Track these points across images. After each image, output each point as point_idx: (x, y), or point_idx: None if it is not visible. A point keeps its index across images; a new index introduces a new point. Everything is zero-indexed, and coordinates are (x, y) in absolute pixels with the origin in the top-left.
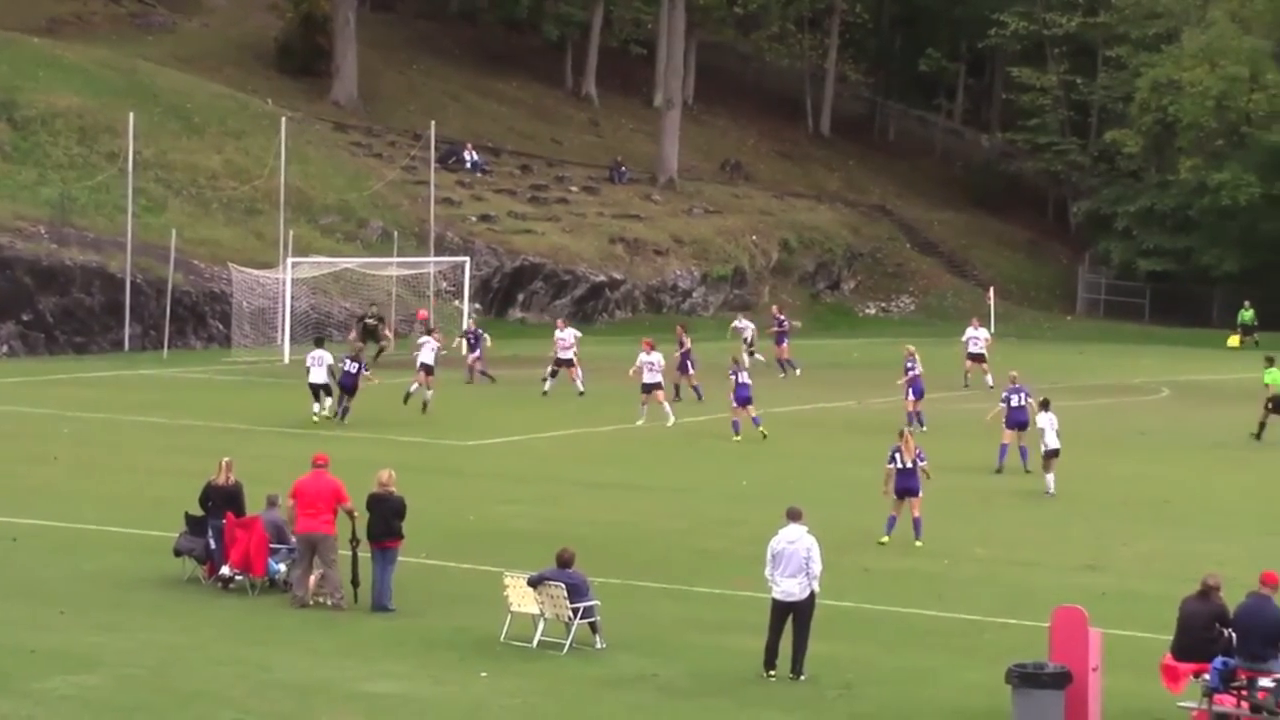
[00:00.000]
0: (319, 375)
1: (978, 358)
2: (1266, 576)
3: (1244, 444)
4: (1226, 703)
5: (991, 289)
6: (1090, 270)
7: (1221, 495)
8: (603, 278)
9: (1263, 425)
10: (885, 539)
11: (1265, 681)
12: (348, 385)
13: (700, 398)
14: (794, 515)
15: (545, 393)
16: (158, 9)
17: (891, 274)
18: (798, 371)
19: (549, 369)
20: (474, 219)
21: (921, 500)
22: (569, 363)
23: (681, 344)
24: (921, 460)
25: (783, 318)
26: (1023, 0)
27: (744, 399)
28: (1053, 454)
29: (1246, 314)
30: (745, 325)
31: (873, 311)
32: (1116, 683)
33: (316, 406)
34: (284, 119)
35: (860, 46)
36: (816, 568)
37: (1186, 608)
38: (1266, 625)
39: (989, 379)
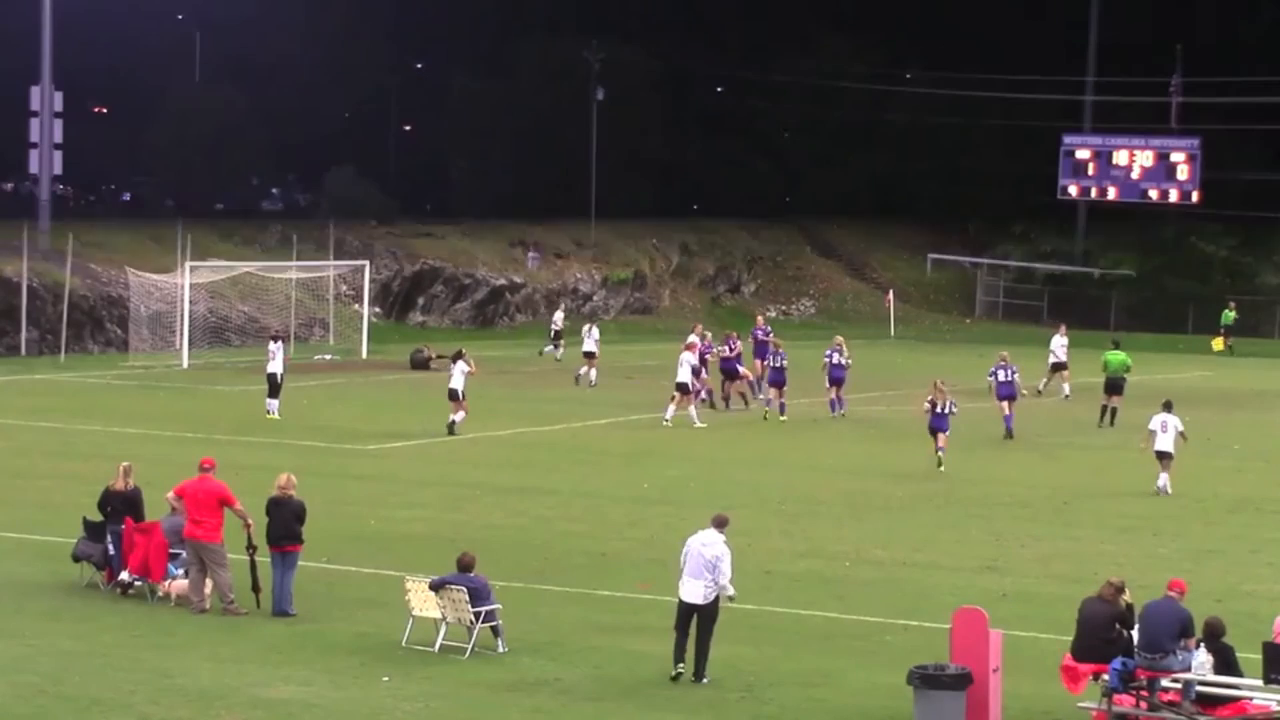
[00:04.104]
0: (276, 365)
1: (1059, 366)
2: (1174, 583)
3: (1141, 445)
4: (1125, 703)
5: (890, 292)
6: (989, 273)
7: (1119, 496)
8: (503, 281)
9: (1104, 410)
10: (943, 468)
11: (1166, 681)
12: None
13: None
14: (718, 523)
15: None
16: None
17: (791, 277)
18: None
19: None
20: (373, 222)
21: (948, 436)
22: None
23: (731, 347)
24: (954, 409)
25: (768, 329)
26: None
27: (774, 381)
28: (1164, 455)
29: (1229, 315)
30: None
31: (773, 314)
32: (1017, 684)
33: (272, 404)
34: None
35: None
36: (725, 569)
37: (1086, 609)
38: (1170, 621)
39: (1066, 388)
